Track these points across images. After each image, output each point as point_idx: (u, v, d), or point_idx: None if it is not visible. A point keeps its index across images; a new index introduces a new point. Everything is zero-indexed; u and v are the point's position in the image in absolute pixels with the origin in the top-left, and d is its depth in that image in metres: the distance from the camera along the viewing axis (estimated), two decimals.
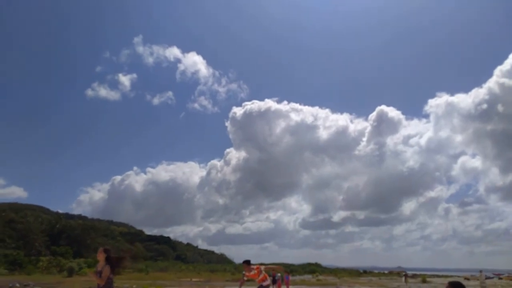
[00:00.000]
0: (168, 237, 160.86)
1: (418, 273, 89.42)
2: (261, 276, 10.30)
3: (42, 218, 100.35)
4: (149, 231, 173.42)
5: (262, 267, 10.59)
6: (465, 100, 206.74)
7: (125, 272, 67.99)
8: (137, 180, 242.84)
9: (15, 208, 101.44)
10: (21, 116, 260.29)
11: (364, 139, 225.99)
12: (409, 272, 75.60)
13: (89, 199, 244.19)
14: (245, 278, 11.12)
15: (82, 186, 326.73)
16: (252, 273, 10.25)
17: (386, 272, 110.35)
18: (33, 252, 75.24)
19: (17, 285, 29.50)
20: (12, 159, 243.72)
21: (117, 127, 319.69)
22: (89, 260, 77.21)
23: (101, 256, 6.91)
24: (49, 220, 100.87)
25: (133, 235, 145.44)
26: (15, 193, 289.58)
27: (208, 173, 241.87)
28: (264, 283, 10.35)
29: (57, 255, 76.03)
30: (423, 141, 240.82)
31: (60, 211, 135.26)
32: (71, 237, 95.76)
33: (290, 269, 51.19)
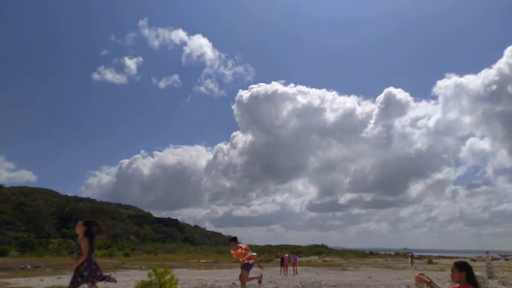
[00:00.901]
0: (176, 220, 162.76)
1: (424, 254, 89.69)
2: (246, 256, 9.98)
3: (52, 201, 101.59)
4: (157, 213, 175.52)
5: (252, 254, 10.17)
6: (474, 81, 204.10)
7: (134, 254, 68.95)
8: (144, 164, 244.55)
9: (25, 191, 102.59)
10: (28, 101, 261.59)
11: (372, 121, 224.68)
12: (415, 254, 75.86)
13: (97, 183, 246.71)
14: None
15: (90, 170, 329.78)
16: (238, 251, 9.88)
17: (392, 253, 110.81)
18: (43, 235, 76.42)
19: (28, 266, 29.98)
20: (21, 143, 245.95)
21: (124, 110, 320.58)
22: (98, 242, 78.35)
23: (79, 230, 6.72)
24: (58, 203, 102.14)
25: (141, 218, 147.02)
26: (24, 177, 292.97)
27: (215, 156, 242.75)
28: (250, 261, 10.06)
29: (67, 237, 77.18)
30: (431, 123, 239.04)
31: (69, 194, 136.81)
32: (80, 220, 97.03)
33: (297, 250, 51.57)
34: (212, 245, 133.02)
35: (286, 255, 27.36)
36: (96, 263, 6.75)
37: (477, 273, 4.56)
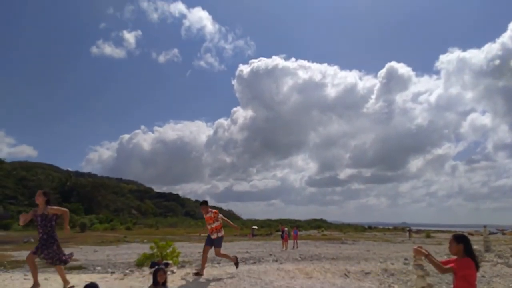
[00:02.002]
0: (177, 194, 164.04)
1: (422, 229, 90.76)
2: (215, 224, 9.51)
3: (53, 176, 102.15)
4: (158, 188, 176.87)
5: (221, 216, 9.69)
6: (478, 55, 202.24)
7: (136, 227, 69.78)
8: (145, 139, 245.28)
9: (26, 166, 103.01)
10: (28, 76, 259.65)
11: (373, 96, 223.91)
12: (414, 228, 76.79)
13: (98, 158, 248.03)
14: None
15: (91, 145, 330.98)
16: (208, 215, 9.49)
17: (390, 228, 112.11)
18: None
19: (32, 240, 30.36)
20: (21, 118, 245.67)
21: (124, 85, 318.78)
22: (100, 216, 79.28)
23: (40, 200, 6.93)
24: (59, 178, 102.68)
25: (143, 193, 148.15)
26: (25, 152, 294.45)
27: (215, 132, 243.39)
28: (219, 234, 9.56)
29: (69, 211, 77.94)
30: (432, 98, 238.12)
31: (70, 169, 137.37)
32: (82, 194, 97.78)
33: (296, 224, 52.12)
34: None
35: (286, 228, 27.67)
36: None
37: (474, 247, 4.61)
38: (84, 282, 6.02)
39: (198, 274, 9.31)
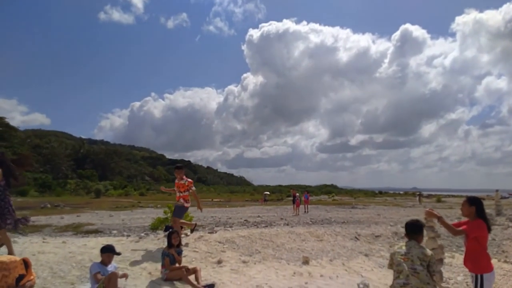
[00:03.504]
0: (189, 161, 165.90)
1: (433, 193, 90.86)
2: (186, 194, 8.90)
3: (66, 143, 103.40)
4: (170, 155, 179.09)
5: (194, 189, 9.03)
6: (495, 16, 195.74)
7: (149, 193, 71.02)
8: (155, 106, 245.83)
9: (39, 134, 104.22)
10: (38, 45, 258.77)
11: (386, 60, 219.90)
12: (425, 193, 76.90)
13: (110, 125, 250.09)
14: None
15: (102, 112, 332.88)
16: (182, 182, 8.89)
17: (401, 193, 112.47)
18: (60, 176, 78.66)
19: (48, 205, 31.08)
20: (33, 86, 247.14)
21: (133, 52, 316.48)
22: (114, 182, 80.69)
23: None
24: (73, 145, 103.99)
25: (155, 159, 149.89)
26: (38, 120, 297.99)
27: (226, 99, 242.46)
28: (186, 204, 8.95)
29: (83, 178, 79.46)
30: (447, 61, 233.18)
31: (83, 137, 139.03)
32: (95, 161, 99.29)
33: (307, 190, 52.64)
34: (225, 185, 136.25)
35: (298, 193, 27.91)
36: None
37: (486, 211, 4.61)
38: (101, 245, 6.20)
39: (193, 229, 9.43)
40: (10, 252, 6.11)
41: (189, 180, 9.04)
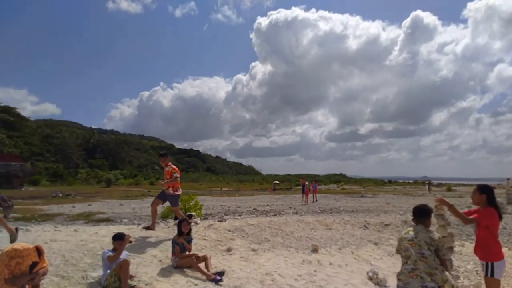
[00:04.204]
0: (198, 150, 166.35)
1: (444, 182, 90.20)
2: (171, 181, 8.90)
3: (77, 133, 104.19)
4: (179, 145, 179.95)
5: (176, 176, 8.96)
6: (508, 2, 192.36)
7: (159, 182, 71.42)
8: (164, 96, 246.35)
9: (50, 124, 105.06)
10: (48, 36, 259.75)
11: (397, 48, 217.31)
12: (435, 182, 76.37)
13: (120, 115, 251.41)
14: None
15: (112, 102, 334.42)
16: (166, 169, 8.90)
17: (411, 181, 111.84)
18: (71, 165, 79.45)
19: (60, 194, 31.50)
20: (43, 77, 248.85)
21: (141, 41, 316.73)
22: (124, 171, 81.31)
23: None
24: (83, 135, 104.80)
25: (164, 149, 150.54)
26: (49, 110, 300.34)
27: (234, 88, 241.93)
28: (177, 192, 9.05)
29: (94, 167, 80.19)
30: (459, 48, 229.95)
31: (93, 126, 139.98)
32: (106, 151, 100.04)
33: (316, 179, 52.58)
34: (234, 175, 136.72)
35: (307, 182, 27.90)
36: None
37: (497, 199, 4.57)
38: (112, 233, 6.28)
39: (149, 228, 8.80)
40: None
41: (173, 166, 9.10)
